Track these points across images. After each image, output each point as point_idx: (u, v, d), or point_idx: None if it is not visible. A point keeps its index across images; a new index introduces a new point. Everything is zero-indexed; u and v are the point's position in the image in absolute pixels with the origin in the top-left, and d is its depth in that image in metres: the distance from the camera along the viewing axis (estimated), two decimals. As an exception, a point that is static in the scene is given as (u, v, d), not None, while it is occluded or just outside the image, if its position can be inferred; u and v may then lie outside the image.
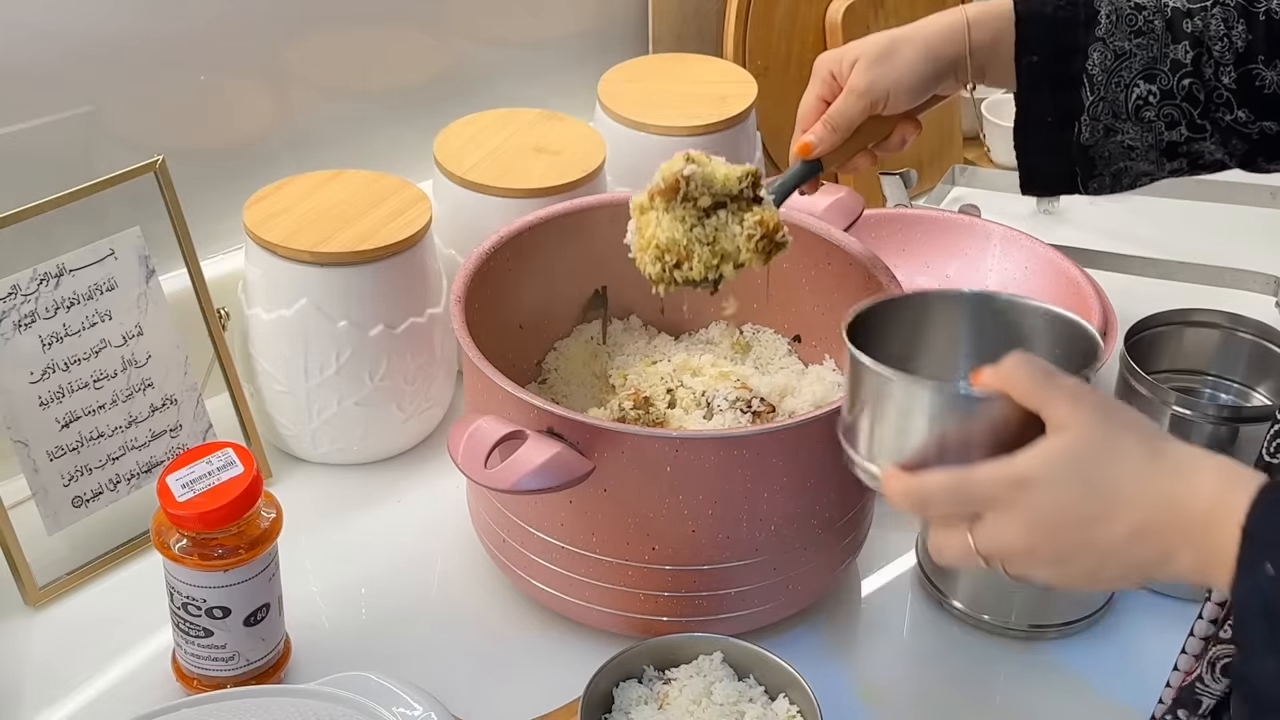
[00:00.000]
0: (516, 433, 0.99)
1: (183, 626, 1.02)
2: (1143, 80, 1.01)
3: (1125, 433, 0.76)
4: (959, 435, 0.81)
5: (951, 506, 0.79)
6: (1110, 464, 0.75)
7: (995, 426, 0.80)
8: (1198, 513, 0.72)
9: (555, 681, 1.05)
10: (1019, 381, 0.78)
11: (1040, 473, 0.76)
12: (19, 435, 1.11)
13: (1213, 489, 0.73)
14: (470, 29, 1.49)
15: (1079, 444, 0.76)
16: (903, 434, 0.83)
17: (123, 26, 1.24)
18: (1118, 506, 0.74)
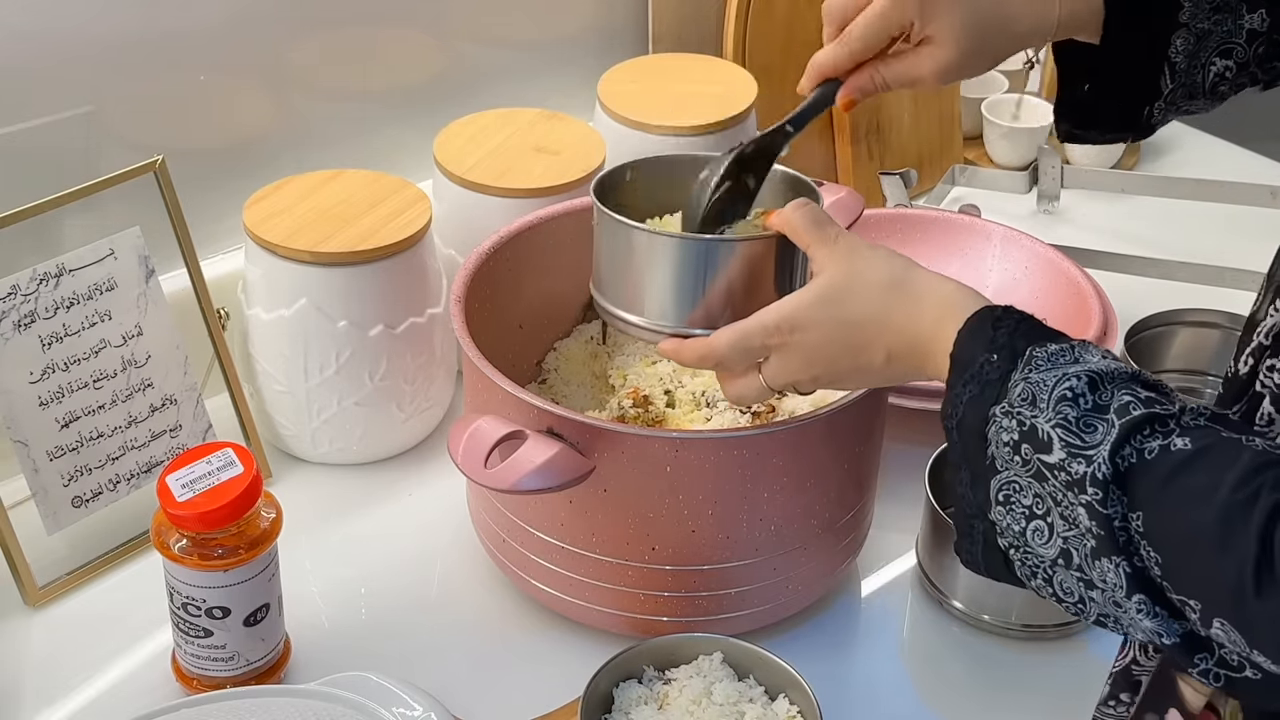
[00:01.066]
0: (516, 433, 0.99)
1: (182, 626, 1.02)
2: (1219, 57, 1.00)
3: (872, 270, 0.87)
4: (734, 281, 0.92)
5: (741, 360, 0.91)
6: (859, 300, 0.87)
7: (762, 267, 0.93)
8: (925, 339, 0.84)
9: (555, 681, 1.05)
10: (795, 225, 0.91)
11: (804, 315, 0.88)
12: (19, 435, 1.11)
13: (933, 319, 0.84)
14: (470, 29, 1.49)
15: (833, 284, 0.88)
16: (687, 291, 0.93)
17: (123, 26, 1.24)
18: (870, 339, 0.87)
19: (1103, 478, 0.71)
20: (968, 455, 0.78)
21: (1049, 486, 0.74)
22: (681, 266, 0.93)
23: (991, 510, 0.77)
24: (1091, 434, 0.72)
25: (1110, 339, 1.34)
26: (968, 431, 0.78)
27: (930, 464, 1.15)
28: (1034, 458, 0.74)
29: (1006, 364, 0.77)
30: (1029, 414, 0.75)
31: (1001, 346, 0.79)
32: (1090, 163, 1.75)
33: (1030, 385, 0.75)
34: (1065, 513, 0.73)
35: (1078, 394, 0.74)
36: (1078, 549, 0.73)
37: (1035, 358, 0.77)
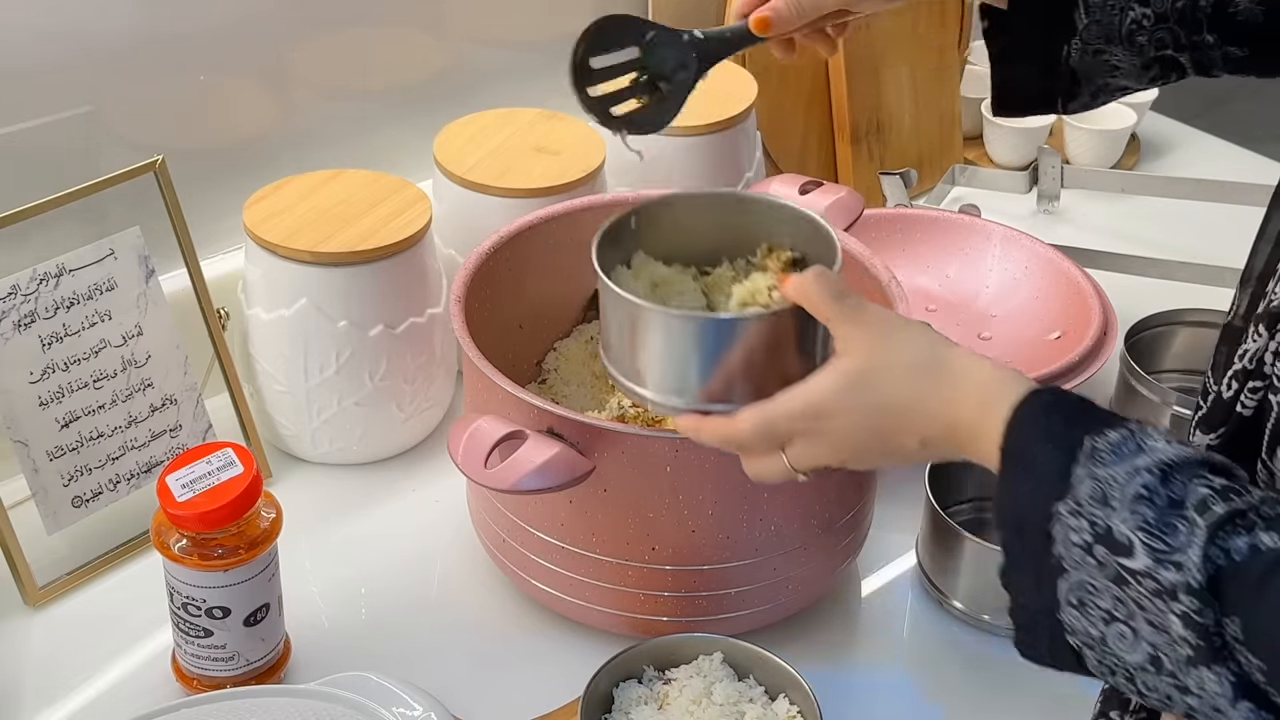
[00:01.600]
0: (516, 433, 0.99)
1: (183, 626, 1.02)
2: (1137, 3, 1.00)
3: (902, 350, 0.82)
4: (753, 356, 0.87)
5: (762, 445, 0.86)
6: (890, 384, 0.82)
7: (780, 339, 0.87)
8: (966, 428, 0.79)
9: (555, 681, 1.05)
10: (814, 298, 0.85)
11: (831, 401, 0.83)
12: (19, 435, 1.11)
13: (976, 406, 0.79)
14: (470, 29, 1.49)
15: (861, 367, 0.82)
16: (699, 368, 0.88)
17: (123, 26, 1.24)
18: (902, 425, 0.82)
19: (1197, 586, 0.67)
20: (1030, 553, 0.74)
21: (1132, 592, 0.69)
22: (695, 344, 0.88)
23: (1062, 611, 0.73)
24: (1174, 535, 0.68)
25: (1110, 339, 1.34)
26: (1029, 529, 0.73)
27: (930, 464, 1.15)
28: (1112, 561, 0.70)
29: (1065, 456, 0.73)
30: (1101, 514, 0.70)
31: (1058, 437, 0.74)
32: (1090, 163, 1.75)
33: (1099, 483, 0.71)
34: (1153, 619, 0.69)
35: (1153, 491, 0.69)
36: (1169, 655, 0.69)
37: (1098, 450, 0.72)
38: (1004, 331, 1.41)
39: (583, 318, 1.26)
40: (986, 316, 1.43)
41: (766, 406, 0.85)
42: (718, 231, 0.97)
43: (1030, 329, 1.40)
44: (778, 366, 0.87)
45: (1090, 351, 1.32)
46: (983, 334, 1.41)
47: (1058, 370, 1.30)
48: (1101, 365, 1.32)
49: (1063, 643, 0.74)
